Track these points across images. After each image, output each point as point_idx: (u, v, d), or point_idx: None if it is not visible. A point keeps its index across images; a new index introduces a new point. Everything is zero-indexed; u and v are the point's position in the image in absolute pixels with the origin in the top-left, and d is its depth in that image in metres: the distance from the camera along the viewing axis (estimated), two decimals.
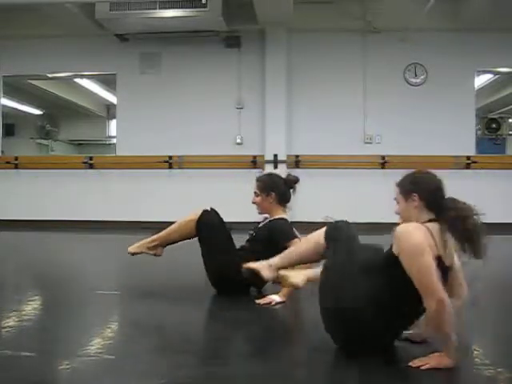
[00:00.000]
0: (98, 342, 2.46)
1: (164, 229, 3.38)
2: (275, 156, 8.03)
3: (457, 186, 8.99)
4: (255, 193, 3.40)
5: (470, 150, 8.11)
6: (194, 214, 3.29)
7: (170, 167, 8.31)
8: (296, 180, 3.43)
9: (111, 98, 10.64)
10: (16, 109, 11.02)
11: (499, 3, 7.16)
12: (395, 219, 2.84)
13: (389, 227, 2.25)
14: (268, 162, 8.04)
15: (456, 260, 2.27)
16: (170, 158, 8.28)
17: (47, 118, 12.41)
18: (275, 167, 8.00)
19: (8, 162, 8.51)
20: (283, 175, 3.54)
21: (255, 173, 8.03)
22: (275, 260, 2.62)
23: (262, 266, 2.62)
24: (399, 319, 2.19)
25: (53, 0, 7.10)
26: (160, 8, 7.24)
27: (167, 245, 3.42)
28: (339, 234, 2.41)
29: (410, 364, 2.05)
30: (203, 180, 7.95)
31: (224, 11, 7.32)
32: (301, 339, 2.67)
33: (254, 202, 3.41)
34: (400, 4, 7.82)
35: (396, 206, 2.34)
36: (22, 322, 2.81)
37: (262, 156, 8.12)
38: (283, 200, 3.40)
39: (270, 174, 3.63)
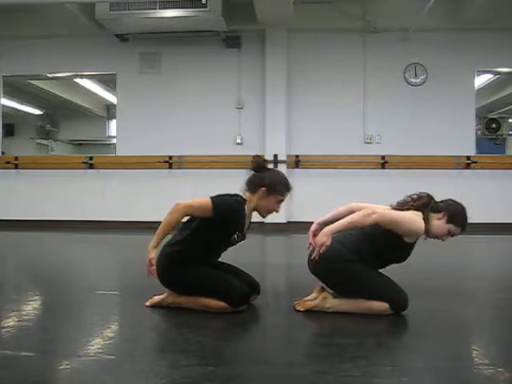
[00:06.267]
0: (97, 341, 2.46)
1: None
2: (275, 156, 8.03)
3: (457, 186, 9.06)
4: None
5: (470, 150, 8.11)
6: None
7: (170, 167, 8.31)
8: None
9: (111, 98, 10.65)
10: (16, 109, 11.02)
11: (499, 3, 7.17)
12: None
13: None
14: (268, 162, 8.02)
15: None
16: (170, 158, 8.28)
17: (47, 118, 12.39)
18: (275, 167, 8.00)
19: (8, 162, 8.51)
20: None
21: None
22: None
23: None
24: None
25: (53, 0, 7.10)
26: (160, 8, 7.24)
27: None
28: None
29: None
30: (203, 180, 7.95)
31: (224, 11, 7.33)
32: (300, 340, 2.67)
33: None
34: (400, 4, 7.82)
35: None
36: (22, 322, 2.81)
37: (262, 156, 8.10)
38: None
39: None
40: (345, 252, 2.88)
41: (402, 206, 2.93)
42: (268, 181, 3.00)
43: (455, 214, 2.89)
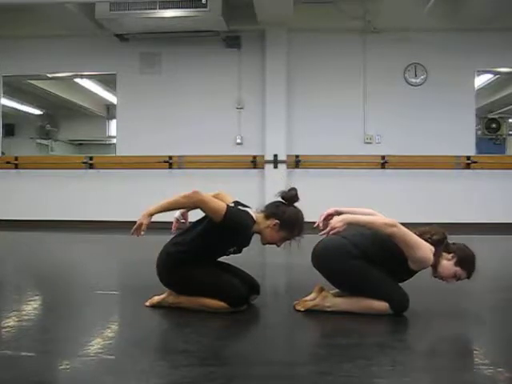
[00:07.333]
0: (97, 341, 2.46)
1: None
2: (275, 156, 8.03)
3: (457, 186, 9.03)
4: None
5: (469, 150, 8.11)
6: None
7: (170, 167, 8.31)
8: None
9: (111, 98, 10.64)
10: (16, 109, 11.02)
11: (499, 3, 7.16)
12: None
13: None
14: (268, 161, 8.04)
15: None
16: (170, 158, 8.28)
17: (47, 118, 12.40)
18: (275, 167, 8.01)
19: (8, 162, 8.51)
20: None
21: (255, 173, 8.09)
22: None
23: None
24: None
25: (53, 0, 7.10)
26: (160, 8, 7.24)
27: None
28: None
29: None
30: (203, 180, 7.90)
31: (224, 11, 7.33)
32: (300, 340, 2.67)
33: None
34: (400, 4, 7.81)
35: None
36: (22, 322, 2.81)
37: (262, 156, 8.12)
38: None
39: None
40: (351, 249, 2.89)
41: (419, 235, 2.88)
42: (286, 217, 2.95)
43: (465, 258, 2.87)
